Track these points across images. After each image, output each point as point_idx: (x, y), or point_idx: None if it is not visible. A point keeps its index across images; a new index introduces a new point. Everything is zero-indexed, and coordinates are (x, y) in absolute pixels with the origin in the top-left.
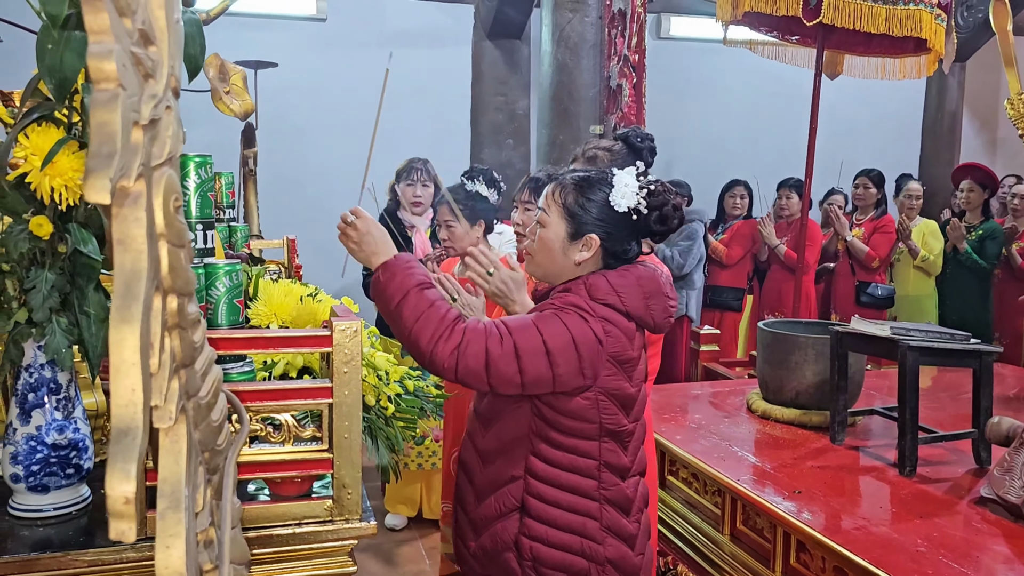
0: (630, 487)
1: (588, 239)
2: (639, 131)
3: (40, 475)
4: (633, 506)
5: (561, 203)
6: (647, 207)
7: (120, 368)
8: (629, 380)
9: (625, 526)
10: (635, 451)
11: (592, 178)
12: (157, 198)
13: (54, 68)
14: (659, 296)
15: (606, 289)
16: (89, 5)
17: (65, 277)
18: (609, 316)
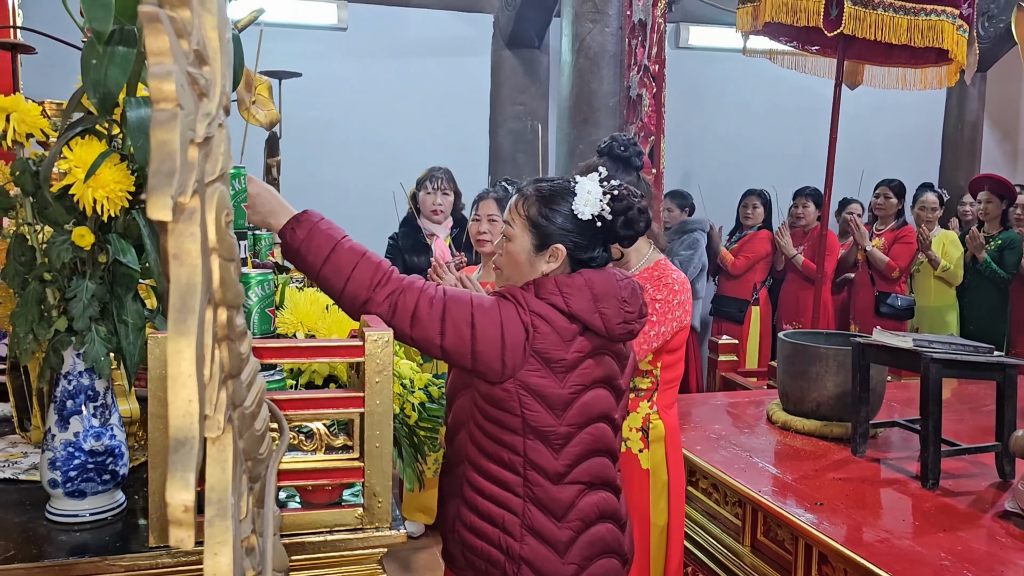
0: (565, 493)
1: (554, 249)
2: (619, 139)
3: (77, 481)
4: (568, 512)
5: (525, 215)
6: (611, 213)
7: (177, 379)
8: (558, 381)
9: (551, 530)
10: (574, 457)
11: (555, 188)
12: (210, 213)
13: (98, 82)
14: (610, 300)
15: (551, 288)
16: (150, 27)
17: (105, 287)
18: (545, 313)
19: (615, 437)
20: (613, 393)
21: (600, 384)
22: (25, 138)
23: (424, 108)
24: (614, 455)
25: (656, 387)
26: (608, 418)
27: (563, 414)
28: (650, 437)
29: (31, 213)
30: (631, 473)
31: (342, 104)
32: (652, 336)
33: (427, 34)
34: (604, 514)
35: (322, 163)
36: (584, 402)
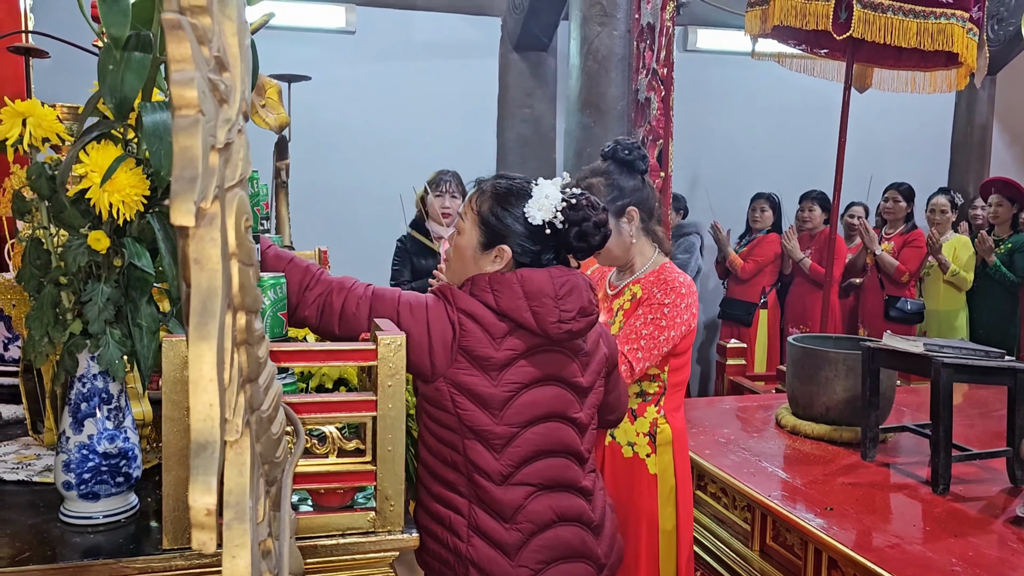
0: (510, 495)
1: (499, 250)
2: (624, 143)
3: (91, 483)
4: (516, 514)
5: (476, 211)
6: (565, 222)
7: (199, 384)
8: (490, 379)
9: (498, 532)
10: (518, 459)
11: (511, 187)
12: (230, 218)
13: (115, 88)
14: (543, 298)
15: (483, 285)
16: (172, 35)
17: (119, 290)
18: (474, 310)
19: (579, 437)
20: (570, 391)
21: (546, 383)
22: (41, 142)
23: (432, 111)
24: (578, 456)
25: (664, 391)
26: (564, 417)
27: (500, 413)
28: (657, 441)
29: (47, 217)
30: (639, 478)
31: (350, 107)
32: (662, 341)
33: (435, 37)
34: (563, 517)
35: (331, 166)
36: (525, 401)
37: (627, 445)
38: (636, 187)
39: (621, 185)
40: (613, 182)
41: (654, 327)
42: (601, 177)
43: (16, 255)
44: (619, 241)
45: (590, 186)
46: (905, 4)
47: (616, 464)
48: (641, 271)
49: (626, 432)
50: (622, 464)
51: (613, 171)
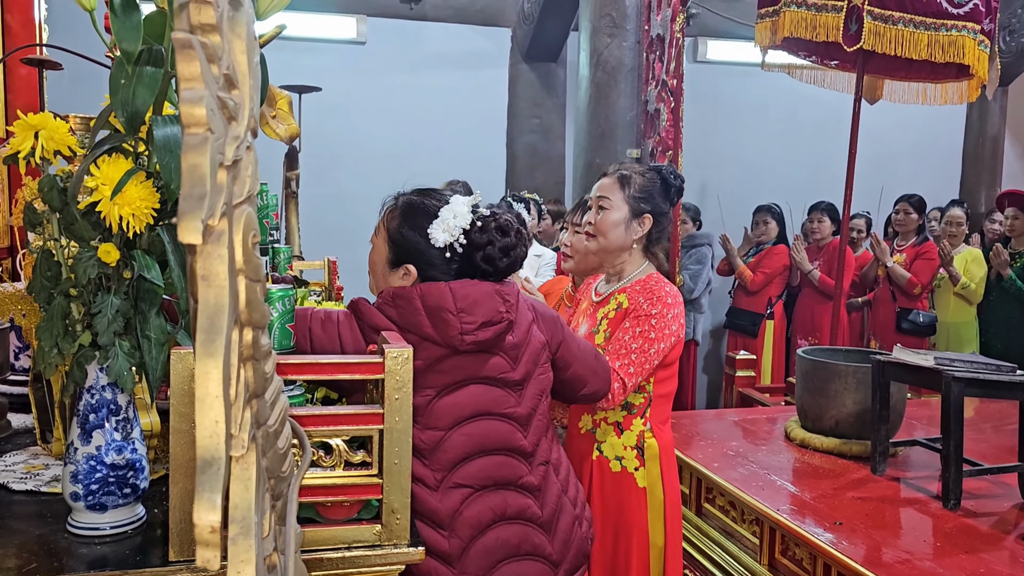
0: (446, 501)
1: (406, 268)
2: (674, 170)
3: (99, 494)
4: (454, 521)
5: (386, 227)
6: (467, 244)
7: (205, 400)
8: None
9: (437, 541)
10: (448, 463)
11: (419, 206)
12: (237, 235)
13: (126, 102)
14: (441, 314)
15: (386, 299)
16: (182, 53)
17: (129, 302)
18: (380, 324)
19: (520, 431)
20: (498, 387)
21: (466, 384)
22: (53, 155)
23: (442, 121)
24: (519, 451)
25: (649, 403)
26: (495, 414)
27: (421, 419)
28: (645, 455)
29: (58, 229)
30: (628, 492)
31: (361, 117)
32: (652, 354)
33: (445, 48)
34: (503, 516)
35: (341, 175)
36: (446, 404)
37: (615, 459)
38: (663, 207)
39: (653, 194)
40: (649, 186)
41: (643, 340)
42: (641, 176)
43: (27, 266)
44: (621, 236)
45: (628, 177)
46: (916, 16)
47: (604, 479)
48: (628, 279)
49: (613, 446)
50: (610, 478)
51: (655, 180)
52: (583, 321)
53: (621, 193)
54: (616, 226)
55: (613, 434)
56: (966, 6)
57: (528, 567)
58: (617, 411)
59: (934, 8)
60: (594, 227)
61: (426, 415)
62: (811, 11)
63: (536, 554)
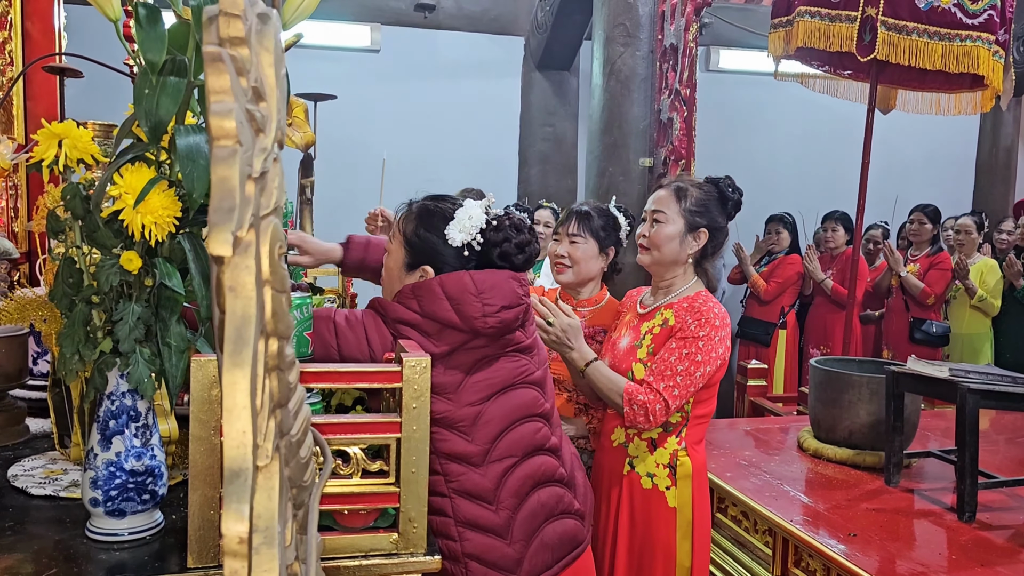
0: (491, 473)
1: (423, 270)
2: (733, 183)
3: (118, 500)
4: (500, 492)
5: (402, 232)
6: (484, 243)
7: (232, 411)
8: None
9: (486, 516)
10: (491, 435)
11: (435, 209)
12: (264, 246)
13: (150, 111)
14: (464, 296)
15: (406, 293)
16: (212, 67)
17: (150, 309)
18: (405, 317)
19: (541, 395)
20: (521, 354)
21: (496, 358)
22: (76, 163)
23: (455, 129)
24: (545, 416)
25: (686, 422)
26: (525, 382)
27: (456, 397)
28: (677, 474)
29: (80, 236)
30: (657, 511)
31: (375, 124)
32: (698, 377)
33: (458, 56)
34: (540, 480)
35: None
36: (478, 379)
37: (647, 476)
38: (719, 222)
39: (710, 208)
40: (706, 199)
41: (689, 362)
42: (699, 190)
43: (48, 272)
44: (676, 250)
45: (683, 189)
46: (930, 27)
47: (635, 495)
48: (676, 294)
49: (646, 463)
50: (640, 495)
51: (712, 194)
52: (626, 333)
53: (677, 206)
54: (671, 240)
55: (646, 450)
56: (980, 16)
57: (565, 524)
58: (653, 428)
59: (948, 18)
60: (648, 240)
61: (460, 392)
62: (825, 21)
63: (569, 511)
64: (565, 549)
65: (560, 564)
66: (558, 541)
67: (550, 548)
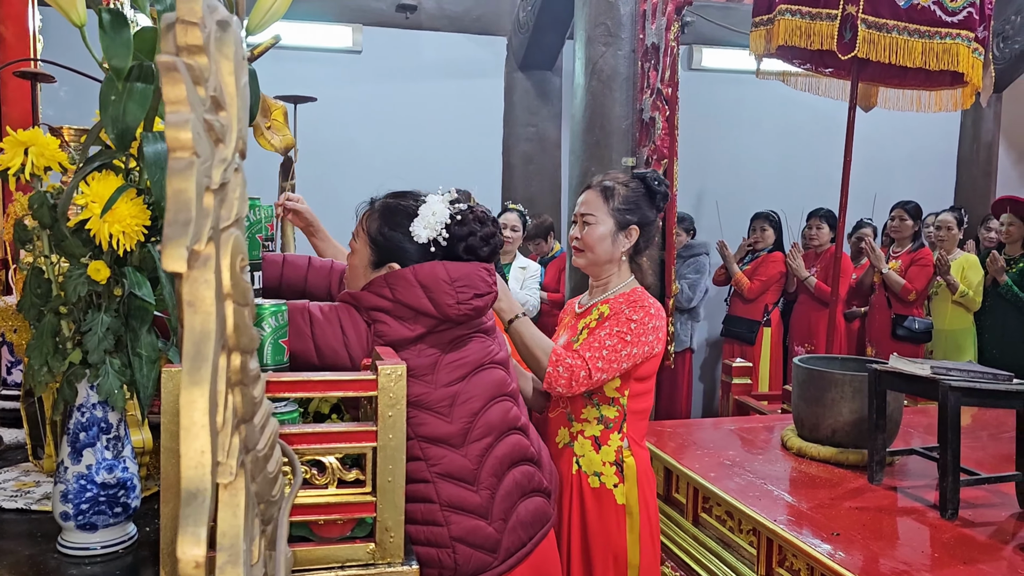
0: (471, 453)
1: (389, 267)
2: (658, 175)
3: (89, 513)
4: (480, 472)
5: (366, 231)
6: (450, 237)
7: (190, 430)
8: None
9: (469, 498)
10: (468, 412)
11: (399, 206)
12: (225, 259)
13: (117, 118)
14: (437, 284)
15: (379, 283)
16: (167, 76)
17: (120, 319)
18: (378, 304)
19: (507, 376)
20: (485, 336)
21: (467, 338)
22: (43, 171)
23: (438, 130)
24: (511, 394)
25: (624, 417)
26: (493, 362)
27: (433, 377)
28: (624, 473)
29: (48, 246)
30: (607, 509)
31: (357, 126)
32: (624, 356)
33: (441, 57)
34: (514, 460)
35: (337, 185)
36: (453, 360)
37: (594, 475)
38: (649, 216)
39: (638, 204)
40: (633, 196)
41: (618, 339)
42: (625, 187)
43: (18, 281)
44: (609, 249)
45: (611, 188)
46: (910, 24)
47: (584, 494)
48: (612, 291)
49: (592, 462)
50: (590, 495)
51: (639, 190)
52: (563, 333)
53: (605, 206)
54: (603, 240)
55: (591, 449)
56: (960, 14)
57: (536, 502)
58: (594, 425)
59: (928, 16)
60: (581, 242)
61: (436, 373)
62: (805, 19)
63: (538, 489)
64: (537, 526)
65: (533, 541)
66: (531, 519)
67: (524, 526)
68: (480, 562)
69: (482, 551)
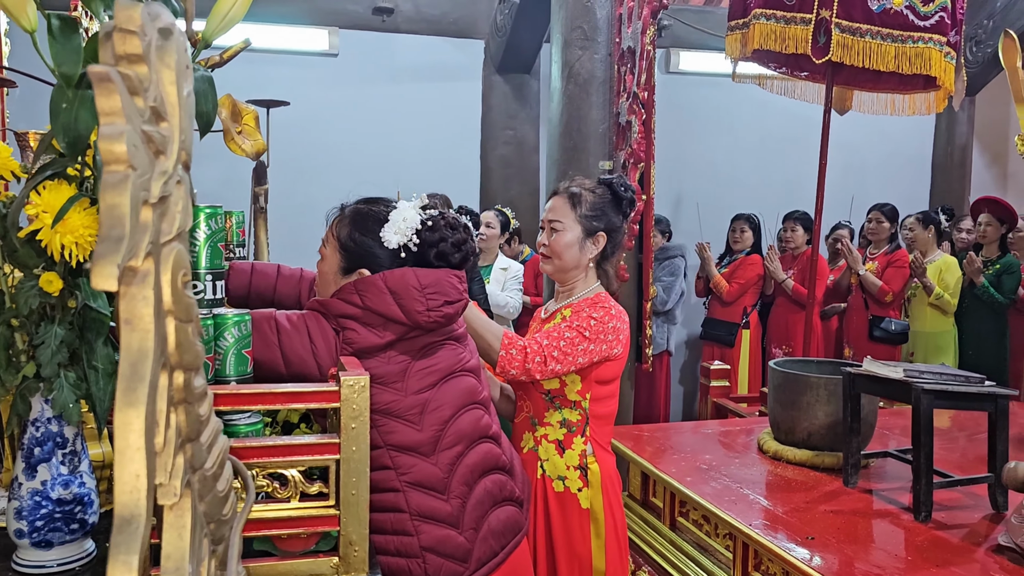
0: (442, 462)
1: (359, 274)
2: (624, 181)
3: (44, 531)
4: (451, 481)
5: (336, 236)
6: (420, 244)
7: (125, 453)
8: (381, 360)
9: (439, 507)
10: (439, 420)
11: (369, 212)
12: (165, 275)
13: (68, 126)
14: (407, 290)
15: (349, 290)
16: (100, 87)
17: (74, 332)
18: (347, 311)
19: (479, 384)
20: (456, 343)
21: (437, 345)
22: None
23: (416, 133)
24: (482, 402)
25: (586, 421)
26: (463, 369)
27: (403, 385)
28: (588, 477)
29: (1, 256)
30: (571, 514)
31: (333, 130)
32: (580, 351)
33: (418, 60)
34: (486, 468)
35: (312, 189)
36: (423, 367)
37: (558, 479)
38: (616, 222)
39: (605, 210)
40: (600, 202)
41: (576, 333)
42: (592, 193)
43: None
44: (576, 256)
45: (578, 194)
46: (883, 28)
47: (549, 499)
48: (577, 296)
49: (556, 466)
50: (554, 499)
51: (606, 196)
52: None
53: (573, 213)
54: (570, 247)
55: (555, 453)
56: (932, 19)
57: (507, 511)
58: (556, 428)
59: (900, 20)
60: (548, 248)
61: (406, 380)
62: (780, 23)
63: (510, 498)
64: (509, 536)
65: (505, 551)
66: (502, 528)
67: (496, 535)
68: (451, 572)
69: (453, 561)
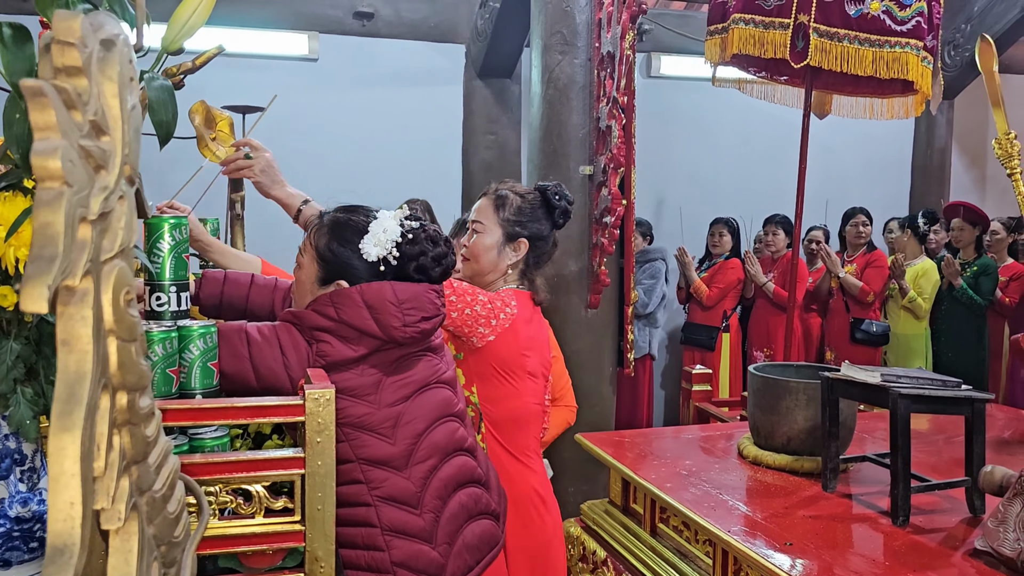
0: (415, 476)
1: (337, 285)
2: (561, 190)
3: (2, 549)
4: (424, 495)
5: (314, 246)
6: (400, 256)
7: (59, 480)
8: (354, 373)
9: (411, 521)
10: (412, 434)
11: (347, 222)
12: (106, 294)
13: (22, 138)
14: (384, 305)
15: (324, 301)
16: (33, 101)
17: (31, 347)
18: (321, 323)
19: (454, 395)
20: (432, 354)
21: (413, 357)
22: None
23: (397, 138)
24: (457, 415)
25: (480, 418)
26: (439, 381)
27: (376, 398)
28: None
29: None
30: None
31: (314, 134)
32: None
33: (399, 64)
34: (460, 482)
35: None
36: (397, 380)
37: None
38: (542, 231)
39: (532, 216)
40: (527, 208)
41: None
42: (521, 198)
43: None
44: (493, 260)
45: (506, 197)
46: (860, 33)
47: None
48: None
49: None
50: None
51: (535, 202)
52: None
53: (496, 215)
54: (488, 250)
55: None
56: (909, 23)
57: (483, 525)
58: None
59: (878, 25)
60: (467, 250)
61: (379, 393)
62: (759, 28)
63: (486, 512)
64: (484, 550)
65: (480, 565)
66: (477, 542)
67: (471, 549)
68: None
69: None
